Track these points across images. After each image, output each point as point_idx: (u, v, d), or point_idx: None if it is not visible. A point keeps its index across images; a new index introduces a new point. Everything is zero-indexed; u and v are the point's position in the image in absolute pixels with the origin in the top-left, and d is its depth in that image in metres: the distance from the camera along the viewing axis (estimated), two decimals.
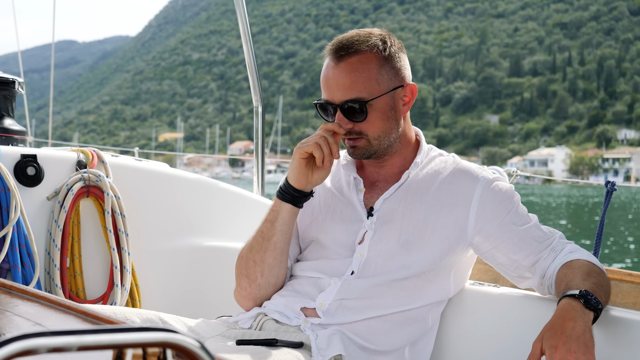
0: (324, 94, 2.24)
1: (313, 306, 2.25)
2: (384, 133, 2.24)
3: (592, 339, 1.90)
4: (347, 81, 2.19)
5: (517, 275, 2.28)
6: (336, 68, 2.21)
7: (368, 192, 2.35)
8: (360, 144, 2.24)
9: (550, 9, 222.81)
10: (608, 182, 2.63)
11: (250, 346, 2.10)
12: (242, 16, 3.20)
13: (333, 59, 2.22)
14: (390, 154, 2.31)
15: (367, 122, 2.21)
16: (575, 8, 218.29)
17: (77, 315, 1.26)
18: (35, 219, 3.00)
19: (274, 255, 2.30)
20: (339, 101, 2.20)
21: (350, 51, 2.20)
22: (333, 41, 2.26)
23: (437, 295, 2.33)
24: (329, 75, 2.22)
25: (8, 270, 2.88)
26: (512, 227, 2.24)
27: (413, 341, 2.30)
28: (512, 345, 2.29)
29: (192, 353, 0.73)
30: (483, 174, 2.32)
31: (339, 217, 2.34)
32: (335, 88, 2.21)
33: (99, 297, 3.07)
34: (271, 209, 2.31)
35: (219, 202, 3.35)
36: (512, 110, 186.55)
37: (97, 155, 3.13)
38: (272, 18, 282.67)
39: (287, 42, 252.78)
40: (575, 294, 1.97)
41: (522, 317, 2.29)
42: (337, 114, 2.21)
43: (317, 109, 2.28)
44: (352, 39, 2.23)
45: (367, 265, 2.26)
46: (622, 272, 2.27)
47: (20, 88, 3.17)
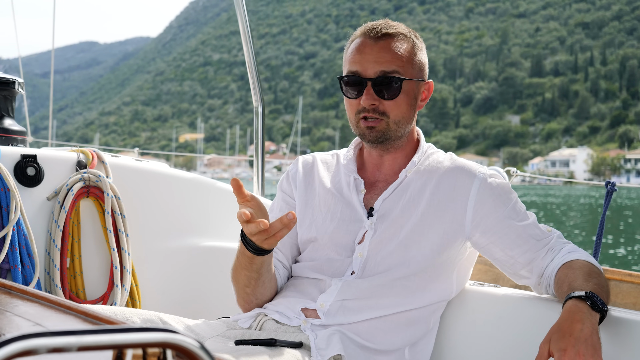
0: (353, 67, 2.23)
1: (314, 307, 2.24)
2: (404, 119, 2.26)
3: (599, 341, 1.89)
4: (387, 55, 2.21)
5: (513, 272, 2.28)
6: (375, 45, 2.22)
7: (368, 192, 2.35)
8: (380, 125, 2.23)
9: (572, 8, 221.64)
10: (608, 183, 2.62)
11: (249, 346, 2.10)
12: (242, 16, 3.19)
13: (370, 38, 2.24)
14: (398, 145, 2.31)
15: (394, 102, 2.22)
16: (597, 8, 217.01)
17: (77, 316, 1.26)
18: (35, 219, 3.00)
19: (263, 285, 2.30)
20: (373, 74, 2.21)
21: (390, 31, 2.24)
22: (366, 25, 2.29)
23: (440, 295, 2.32)
24: (366, 50, 2.23)
25: (8, 270, 2.89)
26: (509, 223, 2.24)
27: (413, 342, 2.29)
28: (512, 345, 2.28)
29: (192, 353, 0.73)
30: (480, 170, 2.32)
31: (339, 218, 2.33)
32: (372, 60, 2.21)
33: (99, 297, 3.07)
34: (242, 256, 2.22)
35: (219, 202, 3.35)
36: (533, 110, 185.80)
37: (97, 155, 3.13)
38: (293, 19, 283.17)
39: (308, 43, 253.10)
40: (581, 296, 1.96)
41: (522, 318, 2.28)
42: (366, 88, 2.21)
43: (342, 83, 2.27)
44: (388, 23, 2.27)
45: (367, 265, 2.26)
46: (622, 272, 2.25)
47: (20, 88, 3.18)
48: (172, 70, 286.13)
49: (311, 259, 2.36)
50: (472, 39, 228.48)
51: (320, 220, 2.35)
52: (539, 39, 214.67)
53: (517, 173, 2.85)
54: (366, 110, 2.22)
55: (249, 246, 2.13)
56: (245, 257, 2.19)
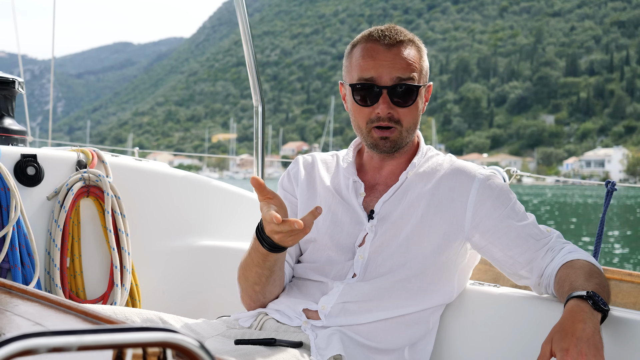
0: (366, 74, 2.19)
1: (315, 308, 2.24)
2: (413, 125, 2.26)
3: (601, 340, 1.89)
4: (402, 62, 2.19)
5: (512, 272, 2.27)
6: (389, 51, 2.20)
7: (367, 195, 2.34)
8: (393, 135, 2.22)
9: (608, 7, 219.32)
10: (608, 182, 2.59)
11: (249, 346, 2.10)
12: (242, 16, 3.18)
13: (382, 44, 2.20)
14: (403, 151, 2.31)
15: (408, 109, 2.21)
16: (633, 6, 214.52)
17: (77, 315, 1.26)
18: (35, 219, 3.02)
19: (273, 283, 2.29)
20: (389, 80, 2.18)
21: (401, 38, 2.22)
22: (371, 31, 2.25)
23: (442, 298, 2.32)
24: (379, 57, 2.20)
25: (8, 270, 2.90)
26: (508, 223, 2.23)
27: (413, 342, 2.29)
28: (512, 345, 2.28)
29: (192, 353, 0.73)
30: (479, 171, 2.32)
31: (339, 219, 2.33)
32: (388, 67, 2.19)
33: (99, 297, 3.08)
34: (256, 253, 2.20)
35: (219, 202, 3.35)
36: (568, 110, 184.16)
37: (97, 155, 3.15)
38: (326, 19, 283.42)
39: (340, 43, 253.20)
40: (582, 295, 1.96)
41: (522, 317, 2.28)
42: (382, 96, 2.18)
43: (354, 92, 2.23)
44: (395, 29, 2.24)
45: (368, 267, 2.26)
46: (622, 272, 2.25)
47: (20, 88, 3.19)
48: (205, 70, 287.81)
49: (312, 260, 2.36)
50: (506, 38, 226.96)
51: (321, 221, 2.34)
52: (574, 37, 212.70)
53: (518, 173, 2.82)
54: (380, 119, 2.20)
55: (265, 243, 2.11)
56: (259, 254, 2.17)
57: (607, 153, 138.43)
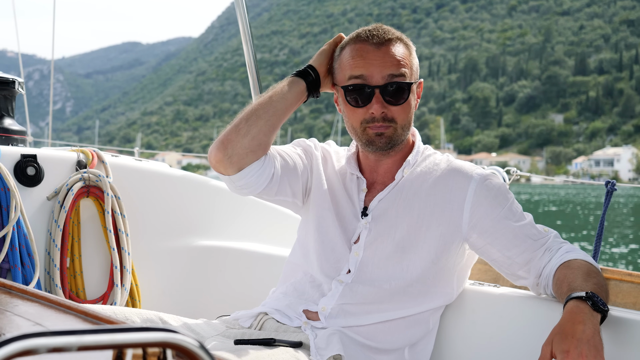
0: (356, 72, 2.20)
1: (315, 310, 2.24)
2: (408, 122, 2.25)
3: (601, 341, 1.89)
4: (392, 60, 2.19)
5: (510, 273, 2.26)
6: (378, 50, 2.20)
7: (367, 194, 2.34)
8: (389, 132, 2.22)
9: (617, 5, 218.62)
10: (608, 182, 2.58)
11: (249, 346, 2.10)
12: (242, 16, 3.18)
13: (370, 43, 2.21)
14: (399, 149, 2.30)
15: (401, 107, 2.20)
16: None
17: (77, 315, 1.26)
18: (35, 219, 3.02)
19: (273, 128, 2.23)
20: (381, 79, 2.18)
21: (390, 36, 2.22)
22: (359, 32, 2.26)
23: (442, 299, 2.32)
24: (369, 56, 2.20)
25: (8, 270, 2.91)
26: (506, 223, 2.22)
27: (414, 342, 2.29)
28: (512, 345, 2.28)
29: (192, 353, 0.73)
30: (477, 171, 2.31)
31: (340, 212, 2.33)
32: (378, 65, 2.19)
33: (99, 297, 3.09)
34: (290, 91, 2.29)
35: (219, 202, 3.35)
36: (577, 109, 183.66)
37: (97, 155, 3.15)
38: (334, 18, 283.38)
39: None
40: (582, 296, 1.95)
41: (521, 317, 2.28)
42: (375, 96, 2.18)
43: (346, 93, 2.23)
44: (383, 28, 2.25)
45: (363, 266, 2.25)
46: (622, 272, 2.25)
47: (20, 88, 3.20)
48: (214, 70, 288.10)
49: (309, 254, 2.36)
50: (515, 37, 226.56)
51: (327, 206, 2.34)
52: (583, 36, 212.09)
53: (517, 173, 2.81)
54: (375, 120, 2.20)
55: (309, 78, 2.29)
56: (292, 93, 2.27)
57: (616, 152, 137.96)
